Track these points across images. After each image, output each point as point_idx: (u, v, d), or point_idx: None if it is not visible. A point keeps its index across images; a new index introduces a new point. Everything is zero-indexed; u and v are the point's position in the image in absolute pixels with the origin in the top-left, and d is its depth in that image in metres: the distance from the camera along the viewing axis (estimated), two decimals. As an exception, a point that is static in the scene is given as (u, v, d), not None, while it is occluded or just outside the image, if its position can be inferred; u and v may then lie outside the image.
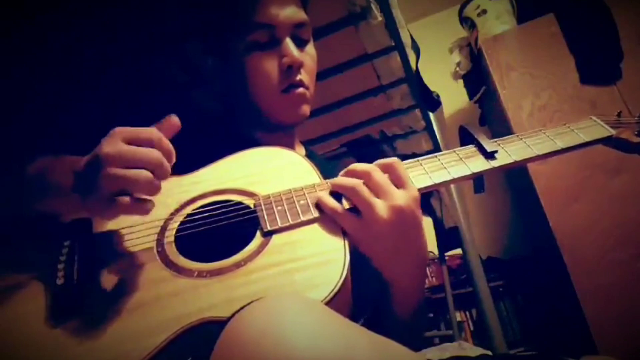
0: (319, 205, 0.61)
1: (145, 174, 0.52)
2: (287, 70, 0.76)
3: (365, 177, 0.60)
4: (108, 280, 0.56)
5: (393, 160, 0.62)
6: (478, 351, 1.00)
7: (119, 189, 0.52)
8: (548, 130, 0.68)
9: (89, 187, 0.53)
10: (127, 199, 0.52)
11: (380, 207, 0.58)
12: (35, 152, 0.64)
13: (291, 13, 0.78)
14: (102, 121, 0.96)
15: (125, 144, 0.53)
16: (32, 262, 0.58)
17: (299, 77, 0.77)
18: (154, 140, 0.54)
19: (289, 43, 0.77)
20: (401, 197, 0.59)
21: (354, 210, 0.59)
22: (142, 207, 0.54)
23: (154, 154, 0.53)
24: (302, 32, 0.80)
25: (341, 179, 0.62)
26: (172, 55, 1.04)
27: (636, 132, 0.68)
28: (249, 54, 0.77)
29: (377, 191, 0.59)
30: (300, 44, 0.79)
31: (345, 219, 0.59)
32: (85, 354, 0.50)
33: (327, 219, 0.60)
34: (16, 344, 0.51)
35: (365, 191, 0.59)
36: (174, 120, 0.57)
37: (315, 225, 0.59)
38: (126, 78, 1.03)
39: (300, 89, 0.78)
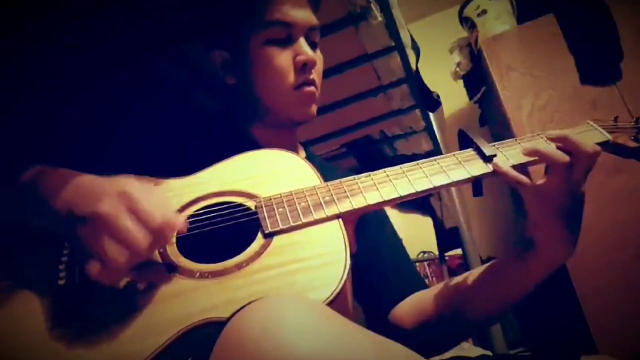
0: (319, 207, 0.61)
1: (118, 260, 0.49)
2: (302, 67, 0.78)
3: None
4: (109, 280, 0.56)
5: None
6: (478, 351, 1.01)
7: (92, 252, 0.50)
8: (545, 135, 0.69)
9: (70, 224, 0.52)
10: (97, 268, 0.50)
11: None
12: (32, 157, 0.64)
13: (307, 15, 0.80)
14: (103, 121, 0.96)
15: (128, 212, 0.50)
16: (34, 263, 0.58)
17: (311, 76, 0.79)
18: (155, 229, 0.51)
19: (303, 42, 0.79)
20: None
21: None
22: (107, 277, 0.51)
23: (142, 244, 0.50)
24: (314, 35, 0.82)
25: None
26: (173, 55, 1.04)
27: (632, 137, 0.68)
28: (262, 49, 0.78)
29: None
30: (312, 46, 0.81)
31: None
32: (86, 355, 0.50)
33: (327, 221, 0.60)
34: (17, 345, 0.52)
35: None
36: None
37: (316, 227, 0.60)
38: (127, 77, 1.03)
39: (312, 87, 0.80)
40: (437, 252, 2.31)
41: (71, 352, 0.51)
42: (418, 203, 2.19)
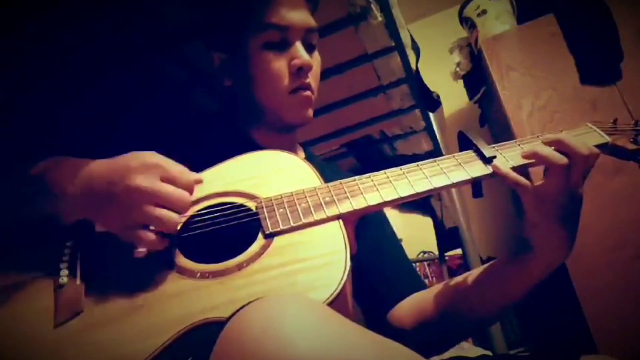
0: (319, 208, 0.61)
1: (174, 218, 0.55)
2: (297, 72, 0.78)
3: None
4: (110, 280, 0.56)
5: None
6: (478, 351, 1.01)
7: (147, 224, 0.55)
8: (541, 139, 0.69)
9: (113, 209, 0.55)
10: (152, 237, 0.55)
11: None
12: (38, 153, 0.64)
13: (305, 18, 0.79)
14: (103, 121, 0.96)
15: (162, 179, 0.56)
16: (35, 261, 0.58)
17: (307, 80, 0.79)
18: (189, 185, 0.58)
19: (299, 46, 0.78)
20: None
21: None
22: (161, 244, 0.56)
23: (185, 199, 0.56)
24: (312, 37, 0.81)
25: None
26: (173, 55, 1.04)
27: (632, 139, 0.68)
28: (259, 53, 0.78)
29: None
30: (309, 49, 0.80)
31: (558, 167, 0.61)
32: (87, 354, 0.50)
33: (327, 221, 0.60)
34: (18, 344, 0.52)
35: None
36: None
37: (317, 228, 0.60)
38: (127, 77, 1.03)
39: (308, 92, 0.79)
40: (437, 252, 2.31)
41: (72, 352, 0.51)
42: (418, 203, 2.19)
